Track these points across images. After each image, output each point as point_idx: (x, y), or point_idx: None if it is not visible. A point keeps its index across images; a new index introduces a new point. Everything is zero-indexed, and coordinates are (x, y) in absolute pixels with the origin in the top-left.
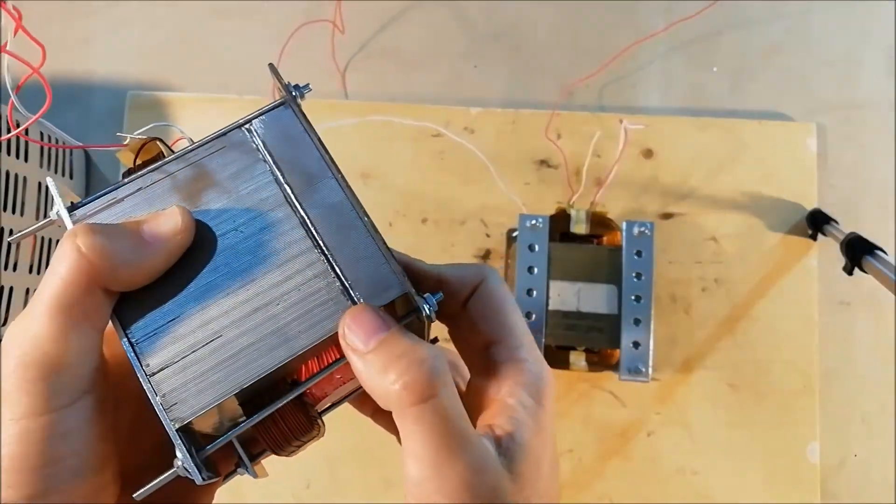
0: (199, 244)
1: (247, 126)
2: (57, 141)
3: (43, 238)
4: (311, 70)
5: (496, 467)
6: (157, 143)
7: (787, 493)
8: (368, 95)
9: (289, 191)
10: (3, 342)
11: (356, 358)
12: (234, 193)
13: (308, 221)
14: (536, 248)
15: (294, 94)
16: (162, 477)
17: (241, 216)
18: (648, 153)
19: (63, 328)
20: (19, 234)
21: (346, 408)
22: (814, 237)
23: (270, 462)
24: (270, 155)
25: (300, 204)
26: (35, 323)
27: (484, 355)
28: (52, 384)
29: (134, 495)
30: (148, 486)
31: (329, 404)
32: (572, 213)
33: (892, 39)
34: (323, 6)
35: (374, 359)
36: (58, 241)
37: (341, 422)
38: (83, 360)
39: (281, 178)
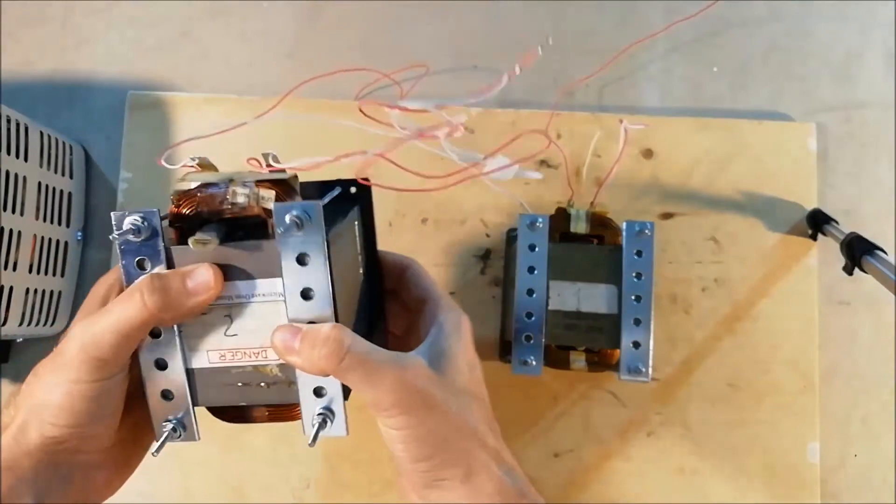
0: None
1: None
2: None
3: (43, 238)
4: (316, 71)
5: (418, 366)
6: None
7: (787, 493)
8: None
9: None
10: (73, 329)
11: (292, 356)
12: (347, 255)
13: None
14: (536, 248)
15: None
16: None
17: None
18: (648, 153)
19: (119, 343)
20: None
21: (348, 409)
22: (814, 237)
23: (272, 464)
24: (359, 227)
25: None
26: (100, 332)
27: (419, 308)
28: (101, 367)
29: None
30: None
31: None
32: (572, 213)
33: (892, 39)
34: (323, 6)
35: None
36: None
37: None
38: (125, 356)
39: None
